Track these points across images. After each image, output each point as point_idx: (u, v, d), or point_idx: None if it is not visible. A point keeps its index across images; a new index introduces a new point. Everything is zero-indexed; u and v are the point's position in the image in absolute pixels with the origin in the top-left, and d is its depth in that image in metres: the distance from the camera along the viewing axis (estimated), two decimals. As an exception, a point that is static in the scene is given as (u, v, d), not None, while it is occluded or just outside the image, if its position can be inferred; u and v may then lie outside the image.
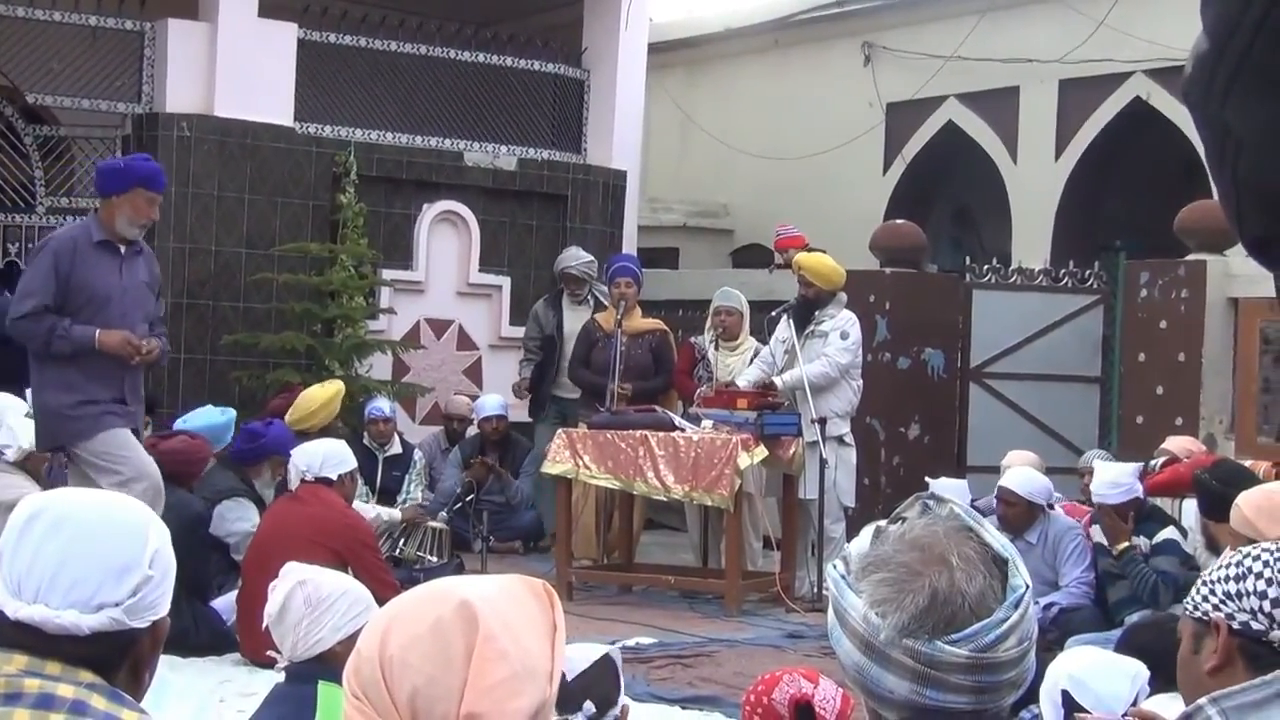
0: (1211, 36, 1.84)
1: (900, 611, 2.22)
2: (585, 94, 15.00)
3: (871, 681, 2.26)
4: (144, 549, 2.37)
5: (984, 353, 13.30)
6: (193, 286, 12.58)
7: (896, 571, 2.24)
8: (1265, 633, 2.63)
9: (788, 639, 9.63)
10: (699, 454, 10.32)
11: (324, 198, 13.10)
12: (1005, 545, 2.30)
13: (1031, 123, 16.53)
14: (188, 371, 12.50)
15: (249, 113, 12.80)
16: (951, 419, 13.16)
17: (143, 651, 2.40)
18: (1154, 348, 12.17)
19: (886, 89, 17.66)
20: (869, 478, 12.33)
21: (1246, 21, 1.78)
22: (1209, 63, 1.85)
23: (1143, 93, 15.56)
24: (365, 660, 2.05)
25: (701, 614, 10.41)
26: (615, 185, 14.86)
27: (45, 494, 2.42)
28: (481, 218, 13.94)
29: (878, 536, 2.32)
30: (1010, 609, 2.24)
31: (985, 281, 13.47)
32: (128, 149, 12.58)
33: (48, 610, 2.30)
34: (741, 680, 8.06)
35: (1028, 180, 16.54)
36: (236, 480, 9.23)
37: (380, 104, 13.82)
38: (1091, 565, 9.17)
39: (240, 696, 7.70)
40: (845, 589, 2.29)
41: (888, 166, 17.91)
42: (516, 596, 2.11)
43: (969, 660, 2.21)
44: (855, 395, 11.18)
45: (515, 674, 2.01)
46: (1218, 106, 1.86)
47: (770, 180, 18.23)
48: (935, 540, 2.26)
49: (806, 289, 11.16)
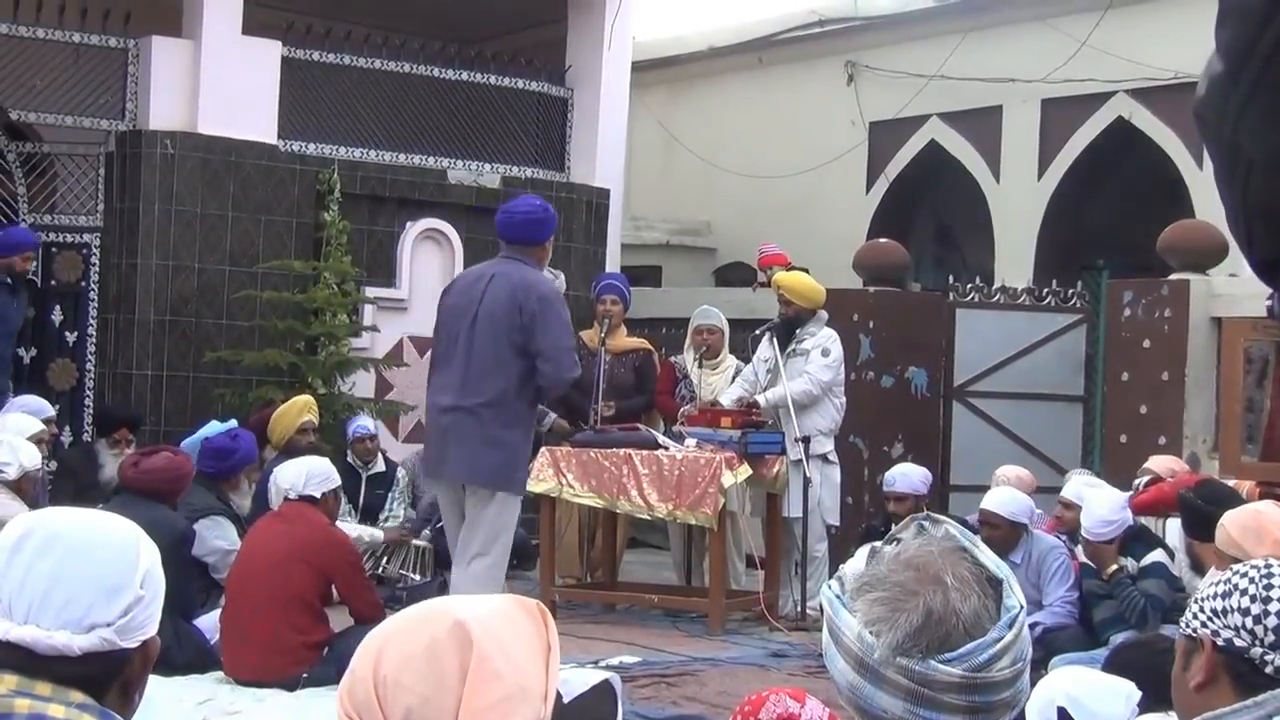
0: (1226, 57, 1.84)
1: (895, 630, 2.22)
2: (569, 112, 15.01)
3: (865, 701, 2.26)
4: (135, 569, 2.36)
5: (967, 371, 13.31)
6: (176, 304, 12.56)
7: (891, 591, 2.25)
8: (1248, 649, 2.64)
9: (772, 658, 9.61)
10: (683, 473, 10.31)
11: (307, 215, 13.09)
12: (1000, 566, 2.31)
13: (1014, 142, 16.57)
14: (170, 389, 12.48)
15: (233, 130, 12.79)
16: (935, 437, 13.17)
17: (133, 671, 2.39)
18: (1137, 367, 12.19)
19: (869, 108, 17.69)
20: (853, 496, 12.33)
21: (1263, 43, 1.78)
22: (1223, 84, 1.85)
23: (1125, 112, 15.61)
24: (359, 681, 2.04)
25: (685, 633, 10.39)
26: (598, 203, 14.87)
27: (35, 513, 2.41)
28: (465, 235, 13.93)
29: (873, 556, 2.33)
30: (1004, 629, 2.25)
31: (968, 300, 13.49)
32: (111, 166, 12.58)
33: (39, 631, 2.29)
34: (725, 699, 8.06)
35: (1010, 199, 16.58)
36: (212, 498, 9.19)
37: (364, 122, 13.83)
38: (1076, 584, 9.16)
39: (222, 715, 7.69)
40: (840, 608, 2.30)
41: (870, 185, 17.93)
42: (510, 617, 2.10)
43: (963, 680, 2.21)
44: (838, 413, 11.19)
45: (510, 695, 2.01)
46: (1231, 128, 1.86)
47: (753, 199, 18.26)
48: (930, 560, 2.27)
49: (786, 308, 11.17)
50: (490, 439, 8.52)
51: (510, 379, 8.53)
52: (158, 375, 12.37)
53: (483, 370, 8.55)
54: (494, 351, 8.53)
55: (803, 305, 11.12)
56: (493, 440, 8.52)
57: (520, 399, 8.62)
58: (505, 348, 8.52)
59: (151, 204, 12.43)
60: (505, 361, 8.52)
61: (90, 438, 12.06)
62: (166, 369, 12.39)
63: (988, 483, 10.31)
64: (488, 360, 8.54)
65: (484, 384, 8.53)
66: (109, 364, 12.51)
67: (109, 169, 12.61)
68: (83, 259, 12.56)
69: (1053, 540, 9.46)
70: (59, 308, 12.55)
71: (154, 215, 12.42)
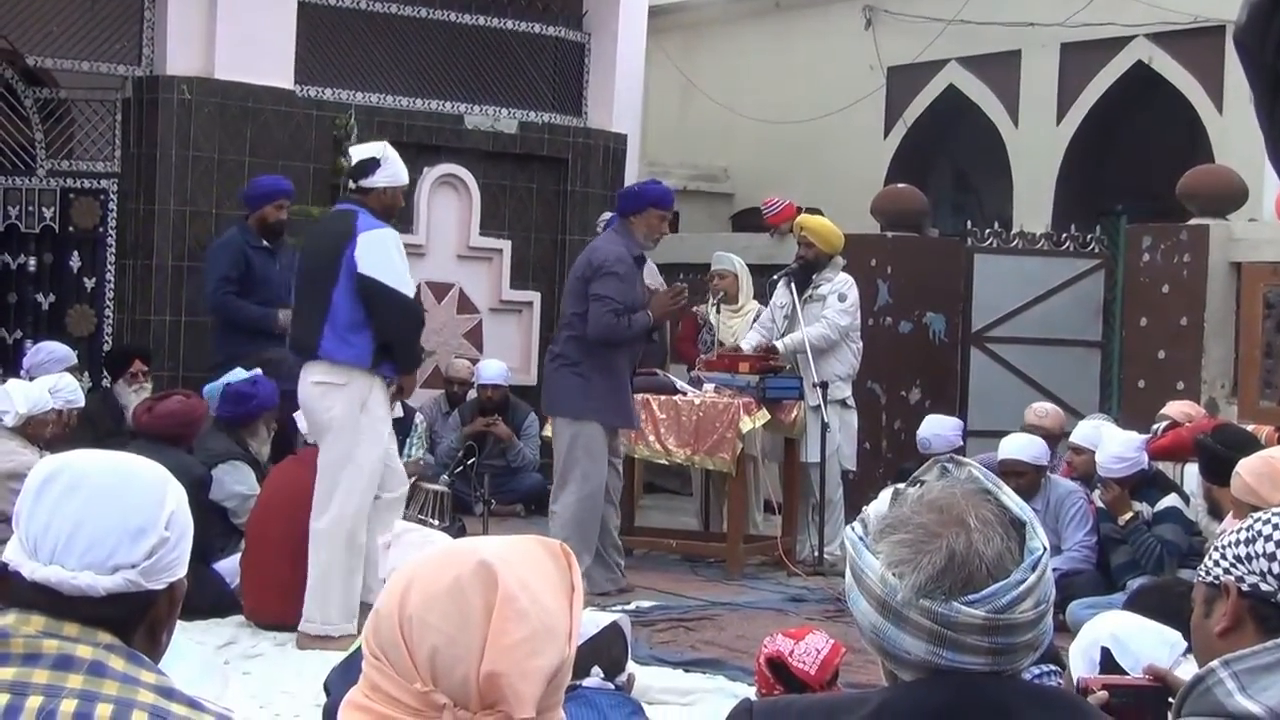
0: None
1: (917, 572, 2.23)
2: (586, 57, 14.95)
3: (888, 642, 2.27)
4: (160, 511, 2.37)
5: (985, 317, 13.30)
6: (193, 249, 12.53)
7: (914, 533, 2.26)
8: (1274, 594, 2.64)
9: (789, 602, 9.66)
10: (701, 418, 10.33)
11: (325, 161, 13.06)
12: (1023, 508, 2.32)
13: (1033, 87, 16.51)
14: (189, 334, 12.47)
15: (249, 76, 12.75)
16: (952, 383, 13.17)
17: (160, 613, 2.40)
18: (1155, 312, 12.16)
19: (887, 52, 17.63)
20: (870, 441, 12.34)
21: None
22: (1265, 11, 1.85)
23: (1144, 56, 15.53)
24: (384, 620, 2.06)
25: (703, 577, 10.43)
26: (615, 148, 14.83)
27: (62, 455, 2.41)
28: (482, 181, 13.90)
29: (896, 499, 2.33)
30: (1028, 571, 2.25)
31: (986, 246, 13.47)
32: (128, 112, 12.56)
33: (63, 571, 2.30)
34: (743, 643, 8.11)
35: (1029, 144, 16.53)
36: (231, 443, 9.19)
37: (381, 67, 13.78)
38: (1093, 529, 9.18)
39: (244, 658, 7.75)
40: (863, 550, 2.30)
41: (888, 130, 17.89)
42: (534, 557, 2.11)
43: (985, 621, 2.22)
44: (856, 359, 11.19)
45: (535, 633, 2.02)
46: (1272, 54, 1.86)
47: (770, 144, 18.22)
48: (953, 502, 2.27)
49: (806, 249, 11.16)
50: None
51: None
52: (175, 320, 12.37)
53: None
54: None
55: (823, 248, 11.11)
56: None
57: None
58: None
59: (169, 150, 12.41)
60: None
61: (109, 384, 12.07)
62: (185, 314, 12.40)
63: (1006, 428, 10.30)
64: None
65: None
66: (127, 309, 12.51)
67: (126, 115, 12.58)
68: (100, 205, 12.54)
69: (1070, 484, 9.47)
70: (77, 254, 12.54)
71: (171, 161, 12.40)
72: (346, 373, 8.03)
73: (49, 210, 12.35)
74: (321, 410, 8.07)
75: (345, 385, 8.02)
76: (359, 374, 8.04)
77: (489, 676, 1.99)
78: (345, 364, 8.02)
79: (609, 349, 9.54)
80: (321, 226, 8.56)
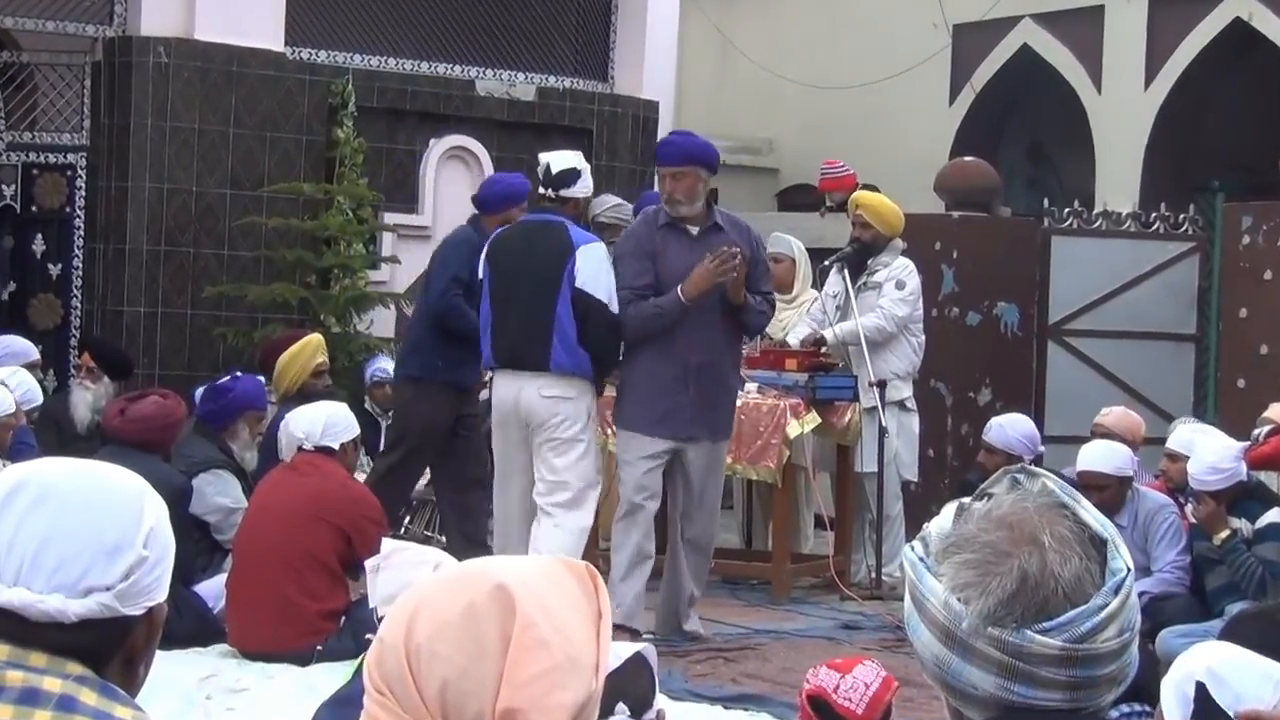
0: None
1: (985, 597, 2.22)
2: (612, 15, 14.96)
3: (952, 676, 2.26)
4: (138, 526, 2.35)
5: (1064, 308, 13.28)
6: (171, 232, 12.59)
7: (981, 552, 2.25)
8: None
9: (842, 630, 9.66)
10: (743, 421, 10.30)
11: (318, 132, 13.09)
12: (1104, 524, 2.30)
13: (1118, 46, 16.46)
14: (165, 327, 12.52)
15: (234, 36, 12.78)
16: (1027, 382, 13.15)
17: (137, 642, 2.39)
18: (1257, 301, 12.13)
19: (953, 8, 17.59)
20: (934, 449, 12.34)
21: None
22: None
23: (1244, 13, 15.49)
24: (389, 650, 2.05)
25: (745, 602, 10.45)
26: (646, 118, 14.84)
27: (29, 464, 2.40)
28: (495, 154, 13.93)
29: (961, 514, 2.33)
30: (1109, 595, 2.24)
31: (1066, 227, 13.46)
32: (97, 77, 12.60)
33: (29, 594, 2.28)
34: (790, 676, 8.10)
35: (1113, 112, 16.48)
36: (213, 449, 9.20)
37: (382, 26, 13.80)
38: (1187, 547, 9.13)
39: (229, 693, 7.74)
40: (924, 572, 2.30)
41: (954, 97, 17.86)
42: (557, 579, 2.11)
43: (1062, 652, 2.21)
44: (917, 354, 11.17)
45: (557, 665, 2.02)
46: None
47: (820, 113, 18.19)
48: (1025, 518, 2.26)
49: (863, 231, 11.14)
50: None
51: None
52: (151, 312, 12.42)
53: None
54: None
55: (881, 230, 11.10)
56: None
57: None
58: None
59: (144, 120, 12.45)
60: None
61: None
62: (161, 305, 12.44)
63: (1087, 435, 10.25)
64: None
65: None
66: (97, 300, 12.56)
67: (95, 81, 12.63)
68: (67, 182, 12.60)
69: (1161, 498, 9.40)
70: (41, 237, 12.60)
71: (146, 133, 12.44)
72: (579, 385, 9.06)
73: (9, 188, 12.41)
74: (554, 422, 8.98)
75: (577, 398, 9.04)
76: (588, 385, 9.13)
77: (506, 714, 1.99)
78: (577, 376, 9.04)
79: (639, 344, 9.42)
80: (529, 236, 9.32)
